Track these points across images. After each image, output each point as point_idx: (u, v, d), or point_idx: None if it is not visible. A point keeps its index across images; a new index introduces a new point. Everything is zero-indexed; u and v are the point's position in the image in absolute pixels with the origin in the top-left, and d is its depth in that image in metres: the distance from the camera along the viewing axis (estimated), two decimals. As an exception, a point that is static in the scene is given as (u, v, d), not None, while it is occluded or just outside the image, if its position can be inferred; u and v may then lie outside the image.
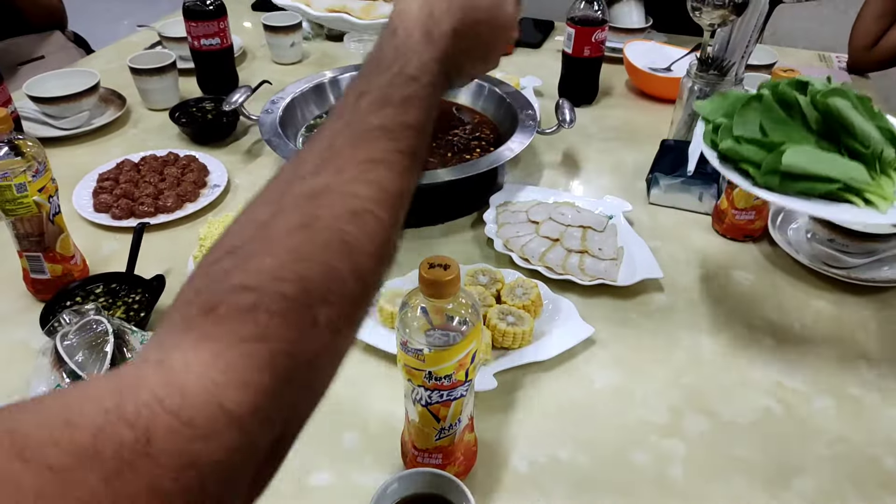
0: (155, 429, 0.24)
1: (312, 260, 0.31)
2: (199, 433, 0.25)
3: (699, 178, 0.94)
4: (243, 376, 0.27)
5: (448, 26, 0.43)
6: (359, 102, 0.38)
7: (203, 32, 1.20)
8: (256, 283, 0.30)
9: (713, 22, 0.91)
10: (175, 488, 0.24)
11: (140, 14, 3.87)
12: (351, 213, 0.34)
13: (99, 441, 0.23)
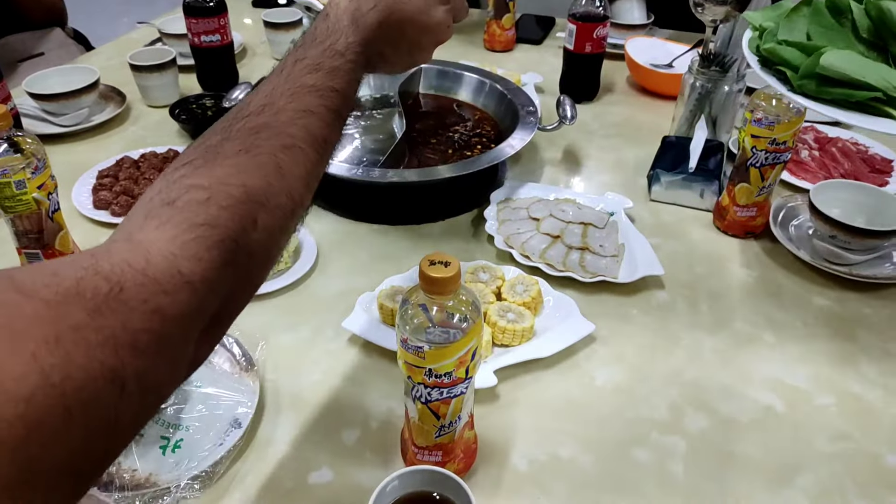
0: (125, 282, 0.31)
1: (254, 174, 0.39)
2: (161, 289, 0.32)
3: (700, 175, 0.93)
4: (197, 252, 0.34)
5: (373, 19, 0.52)
6: (296, 66, 0.46)
7: (203, 29, 1.20)
8: (209, 184, 0.37)
9: (715, 18, 0.91)
10: (143, 327, 0.30)
11: (140, 11, 3.86)
12: (284, 146, 0.42)
13: (81, 286, 0.29)
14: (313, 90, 0.45)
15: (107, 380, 0.28)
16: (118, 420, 0.29)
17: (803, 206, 0.91)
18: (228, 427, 0.61)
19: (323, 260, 0.85)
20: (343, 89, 0.47)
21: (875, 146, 1.07)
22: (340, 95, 0.47)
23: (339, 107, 0.47)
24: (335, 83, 0.46)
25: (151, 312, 0.31)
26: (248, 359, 0.68)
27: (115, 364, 0.28)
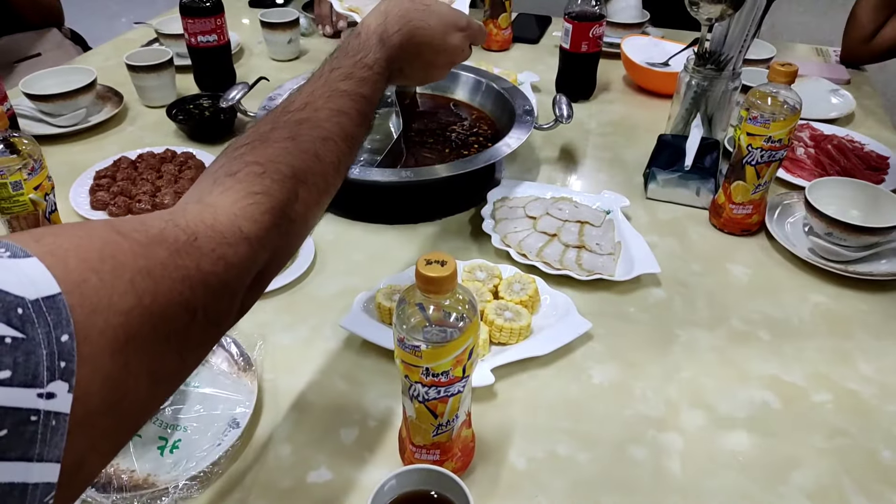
0: (199, 233, 0.38)
1: (298, 158, 0.47)
2: (226, 241, 0.39)
3: (696, 173, 0.94)
4: (253, 214, 0.42)
5: (396, 40, 0.62)
6: (332, 73, 0.55)
7: (200, 29, 1.20)
8: (263, 161, 0.45)
9: (711, 16, 0.91)
10: (211, 270, 0.38)
11: (137, 11, 3.85)
12: (322, 138, 0.50)
13: (164, 233, 0.36)
14: (346, 94, 0.53)
15: (183, 307, 0.35)
16: (187, 341, 0.36)
17: (799, 203, 0.92)
18: (226, 427, 0.61)
19: (321, 259, 0.85)
20: (370, 96, 0.56)
21: (871, 143, 1.08)
22: (367, 101, 0.55)
23: (366, 110, 0.55)
24: (364, 90, 0.55)
25: (218, 258, 0.38)
26: (246, 359, 0.68)
27: (189, 297, 0.35)
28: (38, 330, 0.26)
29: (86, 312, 0.29)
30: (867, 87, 1.32)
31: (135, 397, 0.32)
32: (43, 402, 0.26)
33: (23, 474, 0.26)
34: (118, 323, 0.30)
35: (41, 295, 0.27)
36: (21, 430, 0.25)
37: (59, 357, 0.27)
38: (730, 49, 0.94)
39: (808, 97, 1.19)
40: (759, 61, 1.30)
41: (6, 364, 0.25)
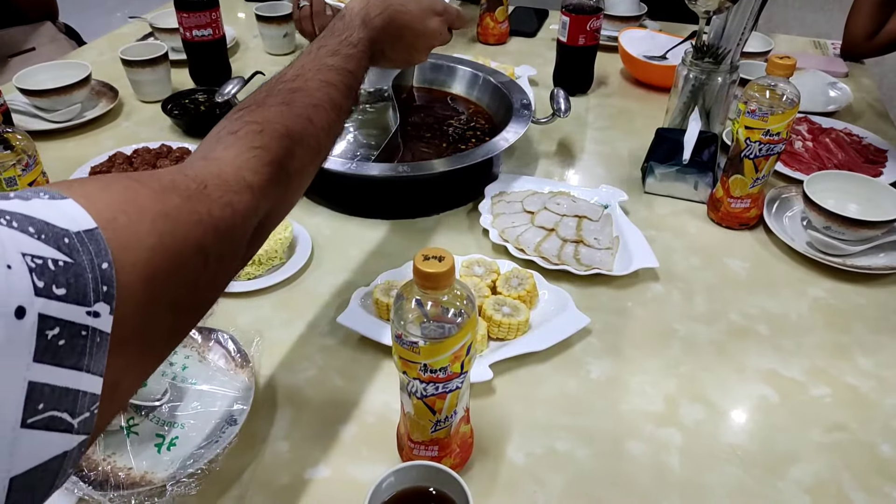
0: (207, 182, 0.42)
1: (292, 120, 0.51)
2: (232, 189, 0.43)
3: (694, 167, 0.93)
4: (255, 166, 0.46)
5: (378, 23, 0.67)
6: (320, 50, 0.60)
7: (195, 23, 1.19)
8: (261, 121, 0.49)
9: (709, 9, 0.90)
10: (220, 215, 0.41)
11: (132, 4, 3.82)
12: (313, 104, 0.54)
13: (176, 182, 0.40)
14: (333, 69, 0.58)
15: (196, 249, 0.38)
16: (199, 279, 0.40)
17: (797, 197, 0.92)
18: (224, 424, 0.61)
19: (318, 255, 0.85)
20: (354, 71, 0.61)
21: (868, 136, 1.08)
22: (353, 75, 0.60)
23: (351, 83, 0.60)
24: (349, 66, 0.60)
25: (225, 205, 0.42)
26: (243, 355, 0.68)
27: (203, 240, 0.39)
28: (83, 257, 0.30)
29: (118, 246, 0.32)
30: (865, 80, 1.32)
31: (161, 327, 0.36)
32: (91, 319, 0.29)
33: (75, 381, 0.29)
34: (145, 258, 0.34)
35: (81, 228, 0.30)
36: (75, 342, 0.29)
37: (101, 282, 0.30)
38: (728, 42, 0.94)
39: (806, 90, 1.19)
40: (757, 54, 1.30)
41: (62, 283, 0.28)
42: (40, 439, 0.28)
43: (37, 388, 0.27)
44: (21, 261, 0.27)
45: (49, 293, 0.28)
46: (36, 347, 0.27)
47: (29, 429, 0.27)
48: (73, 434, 0.29)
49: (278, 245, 0.81)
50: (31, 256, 0.28)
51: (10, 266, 0.27)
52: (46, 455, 0.28)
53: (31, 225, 0.29)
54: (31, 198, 0.31)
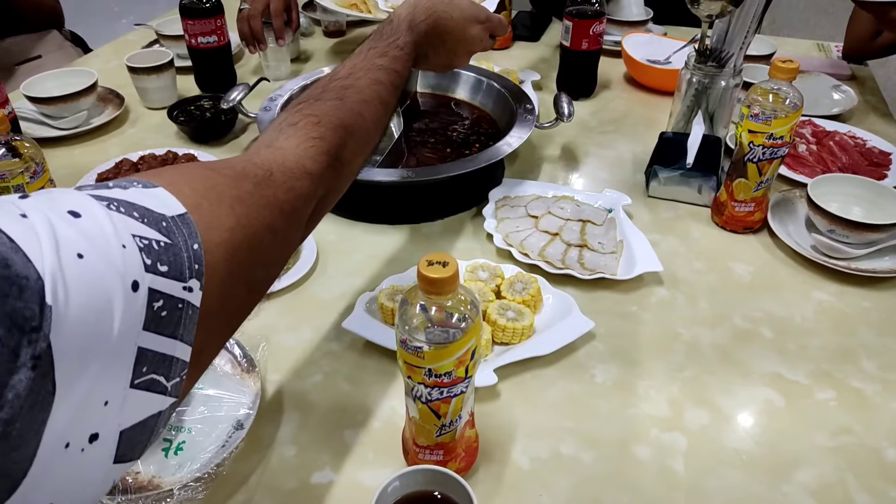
0: (273, 169, 0.46)
1: (346, 114, 0.55)
2: (294, 176, 0.47)
3: (698, 171, 0.94)
4: (314, 155, 0.50)
5: (423, 27, 0.73)
6: (370, 52, 0.65)
7: (200, 30, 1.20)
8: (319, 114, 0.53)
9: (711, 13, 0.90)
10: (285, 198, 0.45)
11: (138, 11, 3.83)
12: (363, 100, 0.59)
13: (246, 170, 0.44)
14: (382, 69, 0.63)
15: (268, 229, 0.43)
16: (270, 257, 0.44)
17: (801, 200, 0.91)
18: (230, 428, 0.61)
19: (323, 260, 0.85)
20: (400, 71, 0.66)
21: (872, 139, 1.08)
22: (399, 75, 0.65)
23: (397, 82, 0.65)
24: (396, 66, 0.65)
25: (289, 189, 0.46)
26: (249, 360, 0.68)
27: (272, 221, 0.43)
28: (178, 238, 0.33)
29: (204, 228, 0.36)
30: (869, 83, 1.32)
31: (238, 301, 0.41)
32: (186, 293, 0.33)
33: (171, 348, 0.32)
34: (226, 238, 0.37)
35: (175, 213, 0.34)
36: (173, 313, 0.32)
37: (193, 260, 0.34)
38: (730, 46, 0.94)
39: (809, 93, 1.19)
40: (760, 57, 1.30)
41: (164, 261, 0.32)
42: (143, 398, 0.31)
43: (144, 353, 0.31)
44: (132, 241, 0.31)
45: (155, 270, 0.31)
46: (145, 317, 0.30)
47: (135, 389, 0.31)
48: (166, 396, 0.33)
49: (284, 250, 0.81)
50: (140, 237, 0.31)
51: (124, 245, 0.30)
52: (146, 413, 0.32)
53: (135, 210, 0.32)
54: (128, 187, 0.34)
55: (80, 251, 0.28)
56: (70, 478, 0.28)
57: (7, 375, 0.24)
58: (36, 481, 0.26)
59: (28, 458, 0.26)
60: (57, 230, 0.28)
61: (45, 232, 0.27)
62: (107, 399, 0.29)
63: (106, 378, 0.29)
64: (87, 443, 0.29)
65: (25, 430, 0.25)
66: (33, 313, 0.25)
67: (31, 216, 0.28)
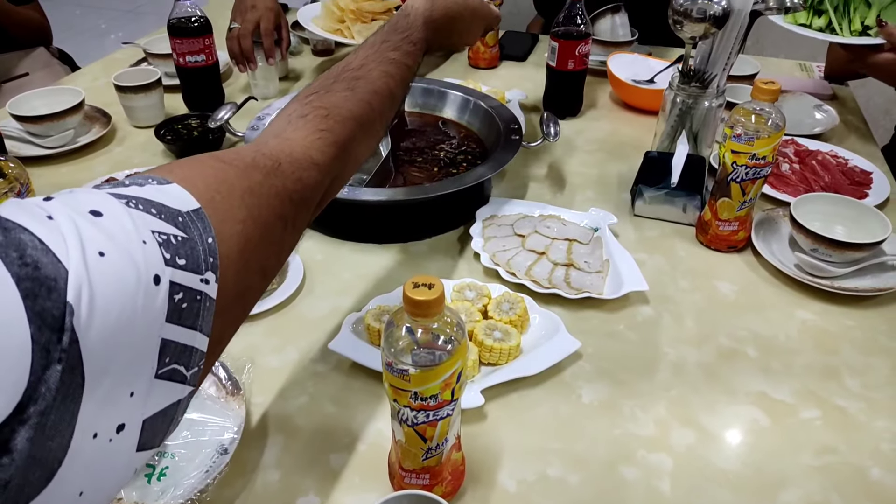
0: (281, 160, 0.47)
1: (356, 105, 0.57)
2: (302, 166, 0.48)
3: (683, 190, 0.94)
4: (321, 147, 0.51)
5: (440, 22, 0.73)
6: (383, 44, 0.65)
7: (188, 49, 1.20)
8: (328, 106, 0.55)
9: (694, 35, 0.92)
10: (293, 188, 0.47)
11: (126, 28, 3.84)
12: (374, 91, 0.60)
13: (255, 160, 0.45)
14: (394, 62, 0.64)
15: (279, 218, 0.44)
16: (282, 245, 0.46)
17: (785, 219, 0.92)
18: (214, 453, 0.60)
19: (310, 280, 0.85)
20: (411, 66, 0.67)
21: (854, 159, 1.09)
22: (409, 69, 0.66)
23: (407, 76, 0.66)
24: (407, 60, 0.66)
25: (297, 180, 0.47)
26: (234, 382, 0.67)
27: (282, 210, 0.45)
28: (194, 233, 0.35)
29: (217, 221, 0.37)
30: (850, 103, 1.34)
31: (252, 290, 0.42)
32: (203, 286, 0.34)
33: (191, 339, 0.34)
34: (238, 230, 0.39)
35: (190, 208, 0.36)
36: (192, 305, 0.33)
37: (209, 254, 0.35)
38: (714, 67, 0.95)
39: (792, 113, 1.21)
40: (743, 77, 1.32)
41: (182, 255, 0.33)
42: (165, 388, 0.33)
43: (167, 345, 0.32)
44: (151, 237, 0.32)
45: (175, 264, 0.32)
46: (168, 309, 0.32)
47: (159, 379, 0.32)
48: (185, 385, 0.34)
49: (270, 271, 0.81)
50: (158, 233, 0.33)
51: (145, 241, 0.32)
52: (166, 402, 0.33)
53: (153, 207, 0.34)
54: (144, 184, 0.35)
55: (103, 250, 0.29)
56: (99, 467, 0.30)
57: (41, 371, 0.26)
58: (69, 471, 0.28)
59: (63, 448, 0.27)
60: (81, 230, 0.29)
61: (71, 233, 0.29)
62: (133, 390, 0.31)
63: (132, 370, 0.30)
64: (114, 433, 0.30)
65: (59, 421, 0.27)
66: (61, 312, 0.27)
67: (57, 218, 0.29)
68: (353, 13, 1.31)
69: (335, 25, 1.33)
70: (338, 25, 1.32)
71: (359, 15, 1.32)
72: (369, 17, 1.33)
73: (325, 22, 1.34)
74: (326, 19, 1.34)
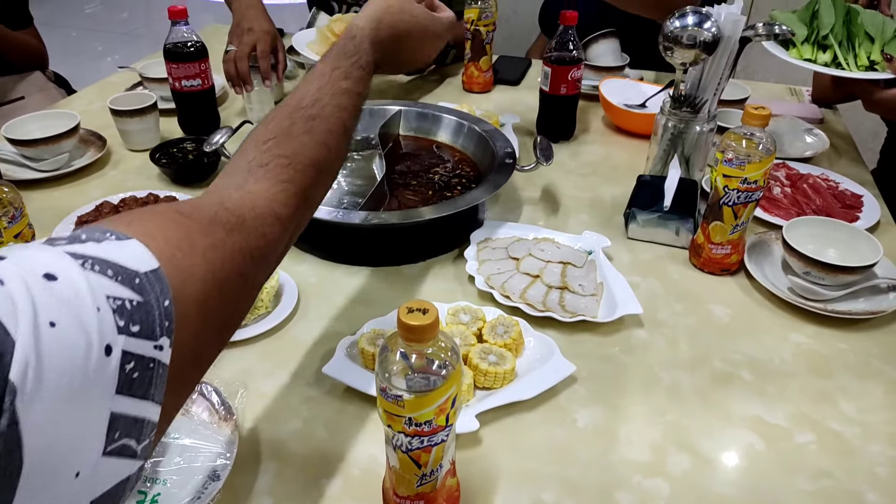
0: (245, 216, 0.46)
1: (314, 150, 0.56)
2: (266, 222, 0.48)
3: (675, 213, 0.95)
4: (283, 199, 0.51)
5: (387, 46, 0.70)
6: (333, 73, 0.62)
7: (184, 74, 1.21)
8: (290, 154, 0.54)
9: (685, 61, 0.93)
10: (256, 244, 0.46)
11: (122, 52, 3.86)
12: (329, 131, 0.58)
13: (217, 215, 0.44)
14: (346, 92, 0.62)
15: (240, 275, 0.43)
16: (240, 302, 0.45)
17: (777, 242, 0.93)
18: (206, 479, 0.60)
19: (304, 303, 0.85)
20: (362, 92, 0.65)
21: (845, 182, 1.10)
22: (361, 97, 0.65)
23: (359, 104, 0.64)
24: (359, 88, 0.64)
25: (261, 236, 0.47)
26: (227, 407, 0.67)
27: (243, 267, 0.44)
28: (151, 295, 0.33)
29: (178, 281, 0.36)
30: (840, 127, 1.36)
31: (209, 352, 0.41)
32: (156, 352, 0.33)
33: (142, 410, 0.32)
34: (199, 288, 0.38)
35: (148, 268, 0.34)
36: (144, 374, 0.32)
37: (164, 317, 0.33)
38: (704, 92, 0.96)
39: (783, 136, 1.23)
40: (734, 102, 1.33)
41: (136, 321, 0.32)
42: (113, 465, 0.31)
43: (117, 418, 0.30)
44: (106, 303, 0.31)
45: (128, 331, 0.31)
46: (118, 381, 0.30)
47: (107, 456, 0.30)
48: (135, 460, 0.32)
49: (264, 294, 0.81)
50: (114, 298, 0.31)
51: (99, 308, 0.30)
52: (115, 480, 0.31)
53: (109, 268, 0.32)
54: (102, 240, 0.34)
55: (54, 319, 0.28)
56: None
57: None
58: None
59: None
60: (35, 297, 0.28)
61: (23, 299, 0.27)
62: (78, 470, 0.28)
63: (78, 448, 0.28)
64: None
65: None
66: (2, 391, 0.25)
67: (8, 283, 0.28)
68: (348, 38, 1.33)
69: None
70: None
71: (353, 40, 1.33)
72: (364, 42, 1.35)
73: (319, 47, 1.36)
74: (321, 44, 1.36)
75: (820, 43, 1.13)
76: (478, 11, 1.39)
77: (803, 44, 1.14)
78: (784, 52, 1.15)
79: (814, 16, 1.14)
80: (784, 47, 1.16)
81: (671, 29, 0.91)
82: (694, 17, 0.90)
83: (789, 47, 1.15)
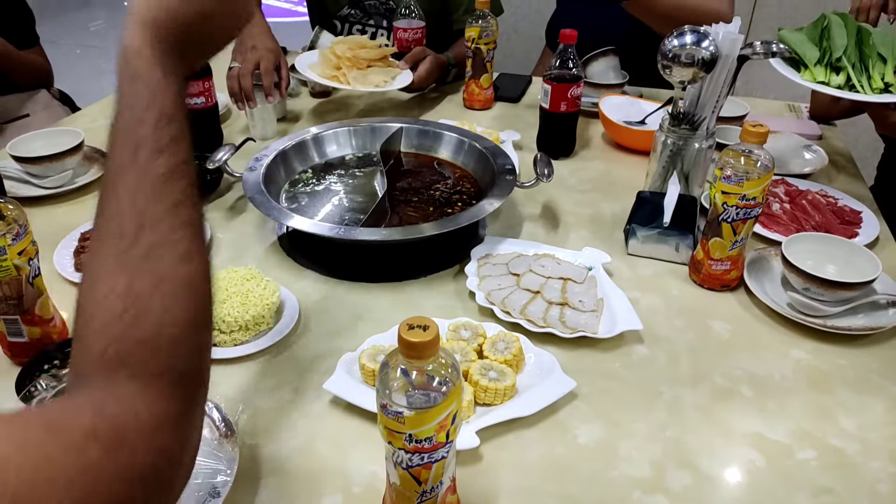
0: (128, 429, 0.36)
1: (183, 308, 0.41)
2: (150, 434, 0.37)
3: (675, 229, 0.95)
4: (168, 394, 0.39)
5: (188, 62, 0.47)
6: (137, 156, 0.42)
7: (188, 92, 1.22)
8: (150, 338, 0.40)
9: (683, 79, 0.94)
10: (144, 462, 0.36)
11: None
12: (180, 258, 0.42)
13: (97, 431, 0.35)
14: (170, 177, 0.42)
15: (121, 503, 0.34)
16: None
17: (777, 258, 0.93)
18: (206, 496, 0.60)
19: (305, 319, 0.85)
20: (187, 150, 0.44)
21: (844, 198, 1.11)
22: (188, 163, 0.44)
23: (193, 177, 0.44)
24: (181, 153, 0.43)
25: (148, 450, 0.37)
26: (227, 424, 0.67)
27: (126, 493, 0.35)
28: None
29: None
30: (838, 143, 1.36)
31: None
32: None
33: None
34: None
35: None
36: None
37: None
38: (703, 109, 0.97)
39: (781, 153, 1.23)
40: (733, 119, 1.34)
41: None
42: None
43: None
44: None
45: None
46: None
47: None
48: None
49: (265, 310, 0.81)
50: None
51: None
52: None
53: None
54: None
55: None
56: None
57: None
58: None
59: None
60: None
61: None
62: None
63: None
64: None
65: None
66: None
67: None
68: (350, 60, 1.36)
69: (331, 72, 1.37)
70: (334, 72, 1.37)
71: (355, 62, 1.36)
72: (365, 63, 1.37)
73: (321, 69, 1.38)
74: (323, 66, 1.38)
75: (833, 65, 1.10)
76: (479, 30, 1.41)
77: (816, 66, 1.10)
78: (796, 74, 1.11)
79: (822, 35, 1.11)
80: (795, 68, 1.12)
81: (670, 47, 0.92)
82: (692, 35, 0.91)
83: (801, 69, 1.11)
